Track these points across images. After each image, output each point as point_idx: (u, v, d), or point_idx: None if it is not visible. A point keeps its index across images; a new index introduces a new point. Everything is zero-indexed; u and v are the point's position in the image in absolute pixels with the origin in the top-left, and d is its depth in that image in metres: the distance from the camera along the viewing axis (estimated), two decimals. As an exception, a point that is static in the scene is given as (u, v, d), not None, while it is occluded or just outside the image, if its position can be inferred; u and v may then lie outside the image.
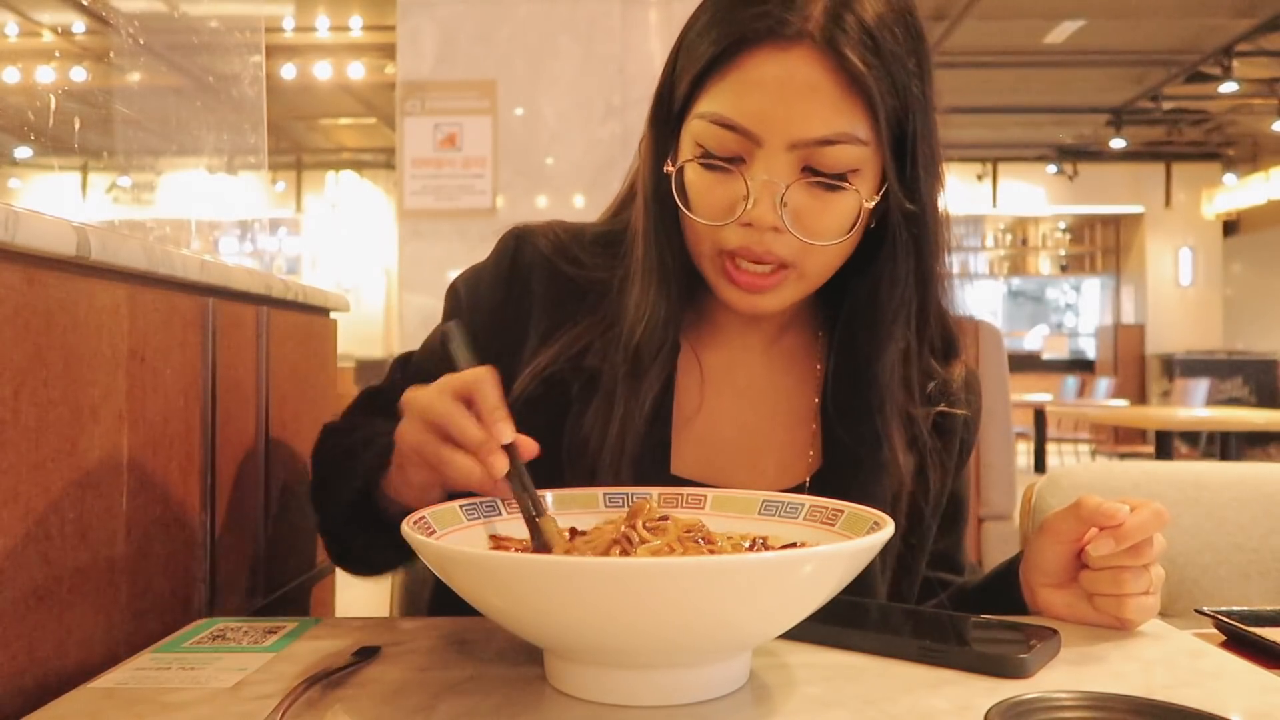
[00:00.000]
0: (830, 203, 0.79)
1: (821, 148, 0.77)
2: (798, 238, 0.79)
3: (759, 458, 0.90)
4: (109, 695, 0.61)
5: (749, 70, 0.77)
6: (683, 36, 0.84)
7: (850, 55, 0.75)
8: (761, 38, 0.76)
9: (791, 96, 0.76)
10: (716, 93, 0.78)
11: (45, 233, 0.62)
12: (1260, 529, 1.26)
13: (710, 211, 0.80)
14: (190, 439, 0.85)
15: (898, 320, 0.86)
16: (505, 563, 0.55)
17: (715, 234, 0.81)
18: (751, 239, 0.79)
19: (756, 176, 0.77)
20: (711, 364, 0.92)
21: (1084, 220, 11.92)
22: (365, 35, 7.00)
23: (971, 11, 6.48)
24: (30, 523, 0.63)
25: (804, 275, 0.82)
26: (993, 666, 0.65)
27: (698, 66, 0.79)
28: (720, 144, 0.78)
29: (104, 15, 1.91)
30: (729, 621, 0.55)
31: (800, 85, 0.76)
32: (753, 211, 0.77)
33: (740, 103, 0.77)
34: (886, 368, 0.87)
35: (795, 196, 0.78)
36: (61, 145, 1.69)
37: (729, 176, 0.79)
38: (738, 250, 0.80)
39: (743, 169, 0.78)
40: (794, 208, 0.78)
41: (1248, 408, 8.25)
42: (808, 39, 0.76)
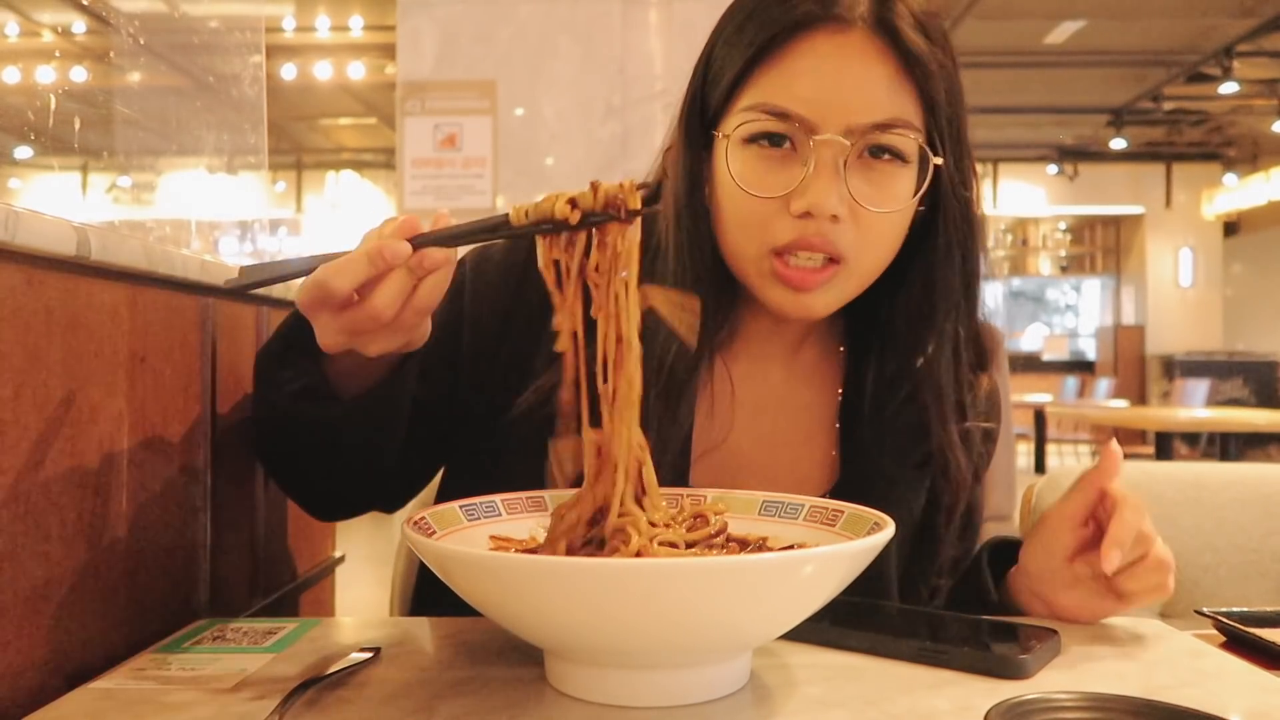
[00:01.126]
0: (886, 188, 0.78)
1: (878, 133, 0.76)
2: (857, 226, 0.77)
3: (776, 472, 0.89)
4: (109, 695, 0.61)
5: (801, 56, 0.76)
6: (715, 35, 0.82)
7: (908, 34, 0.75)
8: (813, 22, 0.75)
9: (849, 79, 0.75)
10: (765, 83, 0.77)
11: (45, 233, 0.62)
12: (1260, 529, 1.26)
13: (758, 204, 0.77)
14: (190, 439, 0.85)
15: (949, 318, 0.85)
16: (505, 563, 0.55)
17: (765, 231, 0.78)
18: (809, 229, 0.76)
19: (813, 161, 0.75)
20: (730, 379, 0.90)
21: (1084, 220, 11.91)
22: (365, 35, 6.99)
23: (971, 11, 6.48)
24: (30, 523, 0.63)
25: (853, 272, 0.80)
26: (993, 667, 0.65)
27: (742, 58, 0.77)
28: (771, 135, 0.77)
29: (104, 15, 1.91)
30: (729, 622, 0.55)
31: (857, 68, 0.75)
32: (811, 195, 0.75)
33: (794, 90, 0.75)
34: (939, 375, 0.85)
35: (854, 182, 0.76)
36: (61, 145, 1.69)
37: (783, 160, 0.77)
38: (793, 243, 0.77)
39: (799, 153, 0.76)
40: (854, 193, 0.76)
41: (1248, 408, 8.24)
42: (860, 21, 0.75)
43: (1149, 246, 10.95)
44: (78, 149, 1.75)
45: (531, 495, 0.75)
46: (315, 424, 0.75)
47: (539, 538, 0.72)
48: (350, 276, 0.62)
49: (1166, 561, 0.75)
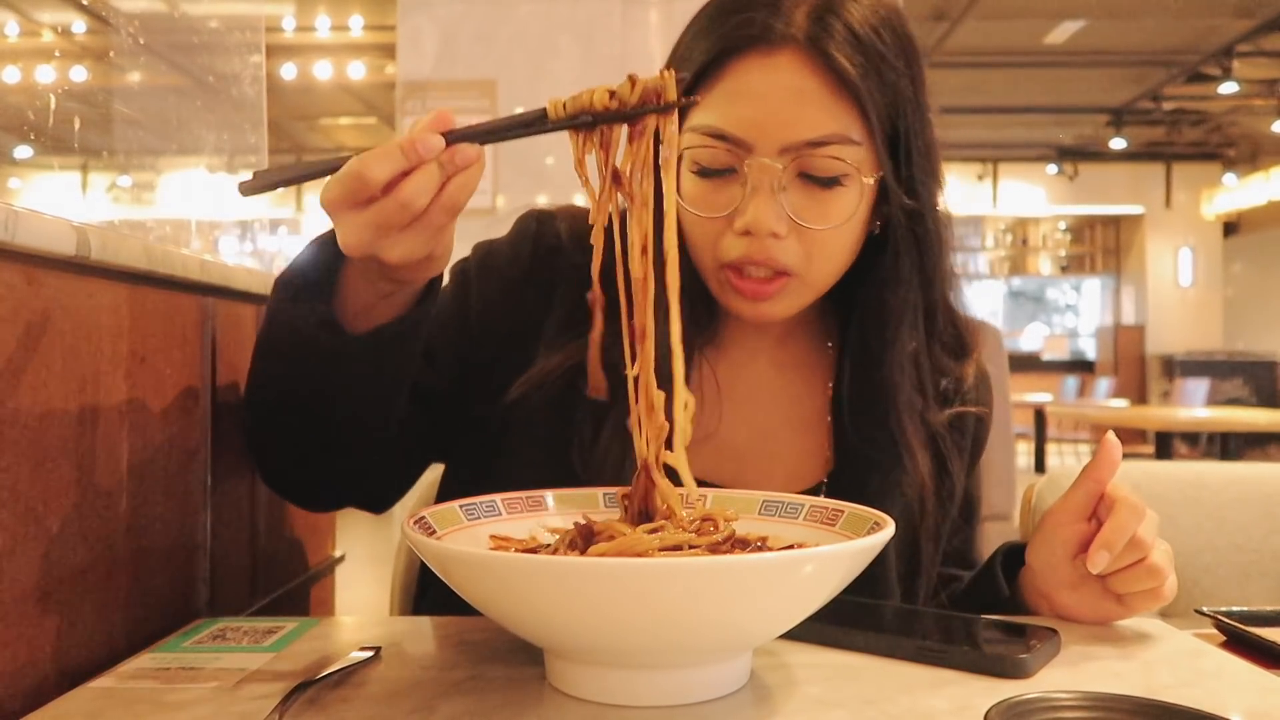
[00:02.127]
0: (827, 204, 0.79)
1: (813, 150, 0.77)
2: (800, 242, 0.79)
3: (771, 464, 0.90)
4: (109, 695, 0.61)
5: (735, 79, 0.78)
6: (673, 51, 0.85)
7: (837, 55, 0.76)
8: (746, 45, 0.77)
9: (779, 101, 0.77)
10: (706, 105, 0.79)
11: (45, 232, 0.62)
12: (1260, 529, 1.26)
13: (707, 222, 0.80)
14: (190, 439, 0.85)
15: (904, 321, 0.87)
16: (505, 563, 0.55)
17: (715, 247, 0.81)
18: (752, 248, 0.79)
19: (750, 183, 0.78)
20: (722, 372, 0.92)
21: (1084, 220, 11.91)
22: (365, 35, 6.99)
23: (971, 11, 6.49)
24: (30, 523, 0.63)
25: (805, 283, 0.82)
26: (993, 666, 0.65)
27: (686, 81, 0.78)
28: (712, 156, 0.79)
29: (104, 15, 1.91)
30: (729, 622, 0.55)
31: (787, 89, 0.77)
32: (749, 216, 0.78)
33: (729, 112, 0.78)
34: (896, 369, 0.87)
35: (792, 200, 0.78)
36: (61, 145, 1.69)
37: (725, 183, 0.80)
38: (740, 259, 0.80)
39: (738, 175, 0.79)
40: (792, 211, 0.78)
41: (1248, 408, 8.24)
42: (793, 43, 0.76)
43: (1149, 246, 10.95)
44: (78, 149, 1.75)
45: (531, 495, 0.75)
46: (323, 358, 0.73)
47: (539, 537, 0.72)
48: (386, 166, 0.61)
49: (1160, 569, 0.74)
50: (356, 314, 0.73)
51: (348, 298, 0.73)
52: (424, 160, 0.61)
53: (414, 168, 0.61)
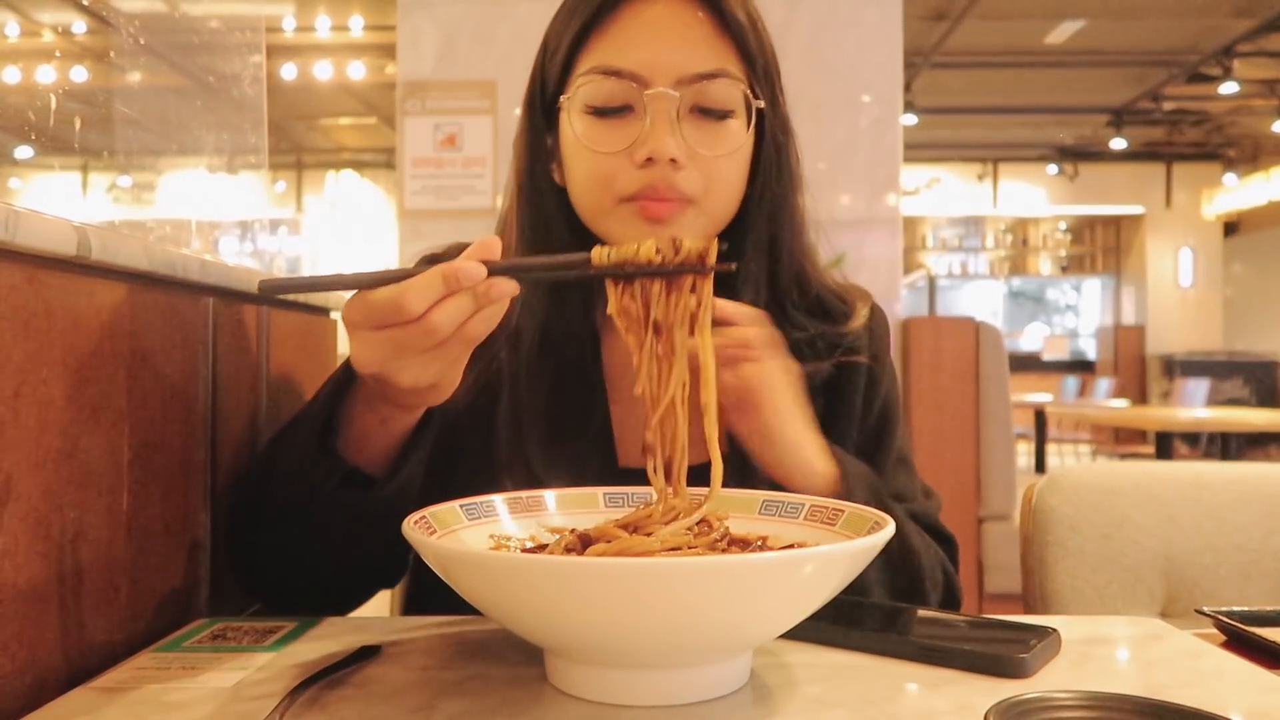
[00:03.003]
0: (719, 133, 0.85)
1: (706, 82, 0.83)
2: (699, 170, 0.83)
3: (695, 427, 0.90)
4: (109, 695, 0.61)
5: (627, 20, 0.83)
6: (549, 27, 0.90)
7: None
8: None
9: (674, 37, 0.83)
10: (597, 50, 0.84)
11: (45, 232, 0.62)
12: (1260, 529, 1.26)
13: (603, 159, 0.84)
14: (190, 439, 0.85)
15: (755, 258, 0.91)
16: (505, 563, 0.55)
17: (614, 183, 0.84)
18: (654, 176, 0.82)
19: (650, 105, 0.82)
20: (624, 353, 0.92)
21: (1084, 220, 11.92)
22: (365, 35, 7.00)
23: (971, 11, 6.49)
24: (30, 523, 0.63)
25: (703, 211, 0.85)
26: (993, 666, 0.65)
27: (574, 33, 0.85)
28: (608, 95, 0.83)
29: (104, 15, 1.91)
30: (729, 621, 0.55)
31: (680, 25, 0.83)
32: (650, 143, 0.81)
33: (625, 49, 0.83)
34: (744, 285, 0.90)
35: (689, 129, 0.83)
36: (62, 145, 1.69)
37: (622, 120, 0.84)
38: (639, 191, 0.83)
39: (635, 110, 0.83)
40: (689, 137, 0.83)
41: (1248, 408, 8.24)
42: None
43: (1149, 246, 10.96)
44: (78, 149, 1.75)
45: (531, 495, 0.75)
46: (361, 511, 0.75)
47: (539, 537, 0.72)
48: (427, 297, 0.62)
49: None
50: (352, 442, 0.75)
51: (348, 426, 0.75)
52: (463, 289, 0.62)
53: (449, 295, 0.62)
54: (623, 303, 0.67)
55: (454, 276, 0.62)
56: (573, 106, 0.86)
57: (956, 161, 10.65)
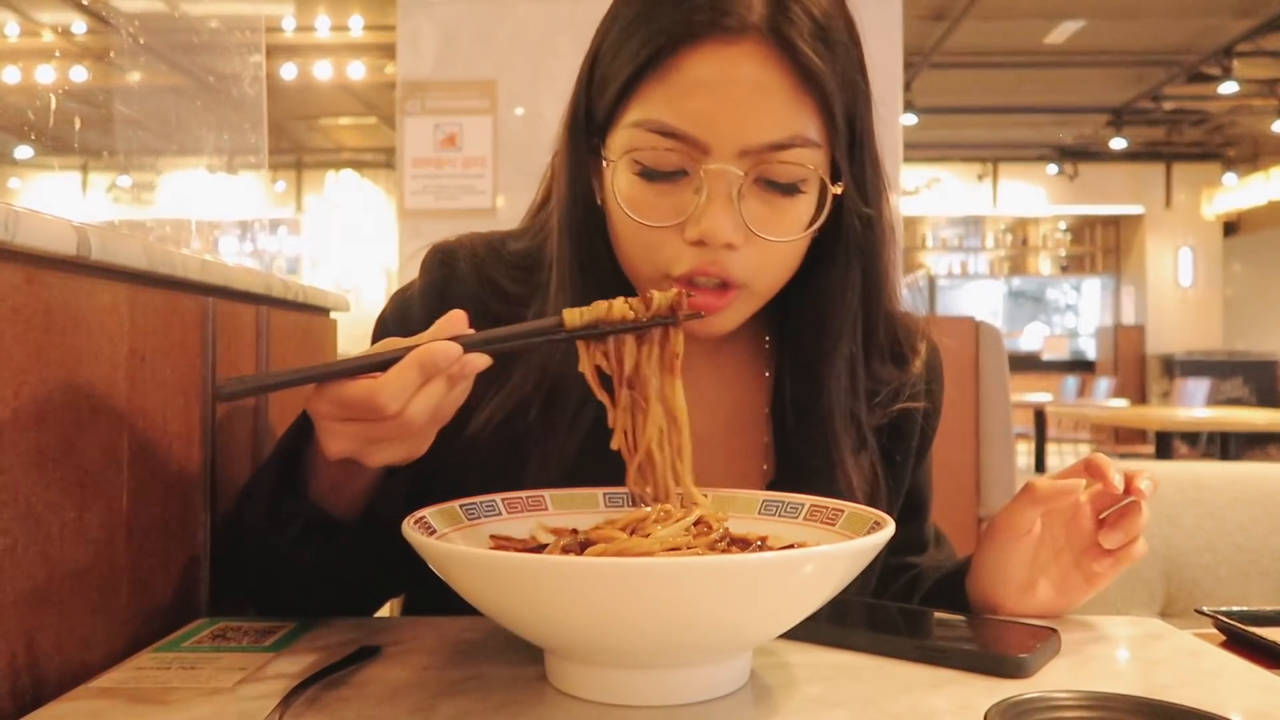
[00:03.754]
0: (785, 212, 0.73)
1: (775, 153, 0.70)
2: (755, 254, 0.73)
3: (712, 468, 0.86)
4: (109, 695, 0.61)
5: (689, 69, 0.69)
6: (600, 36, 0.77)
7: (802, 46, 0.69)
8: (702, 32, 0.69)
9: (741, 97, 0.69)
10: (652, 97, 0.71)
11: (45, 232, 0.62)
12: (1260, 529, 1.26)
13: (650, 230, 0.73)
14: (190, 439, 0.85)
15: (844, 332, 0.83)
16: (506, 563, 0.55)
17: (660, 255, 0.73)
18: (703, 259, 0.72)
19: (706, 189, 0.70)
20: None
21: (1084, 220, 11.92)
22: (365, 35, 7.00)
23: (971, 11, 6.48)
24: (30, 523, 0.63)
25: (754, 293, 0.77)
26: (993, 666, 0.65)
27: (628, 69, 0.71)
28: (659, 155, 0.71)
29: (104, 15, 1.91)
30: (730, 621, 0.55)
31: (750, 83, 0.69)
32: (704, 225, 0.70)
33: (683, 107, 0.69)
34: (833, 376, 0.83)
35: (749, 208, 0.71)
36: (61, 145, 1.70)
37: (673, 187, 0.72)
38: (688, 274, 0.73)
39: (690, 178, 0.71)
40: (749, 220, 0.71)
41: (1248, 408, 8.24)
42: (754, 31, 0.69)
43: (1149, 246, 10.96)
44: (78, 149, 1.76)
45: (532, 495, 0.75)
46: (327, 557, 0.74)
47: (539, 537, 0.72)
48: (403, 393, 0.59)
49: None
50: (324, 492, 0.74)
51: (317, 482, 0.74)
52: (440, 373, 0.60)
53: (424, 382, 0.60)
54: (594, 360, 0.66)
55: (431, 363, 0.59)
56: (618, 153, 0.73)
57: (956, 161, 10.65)
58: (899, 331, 0.89)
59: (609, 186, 0.75)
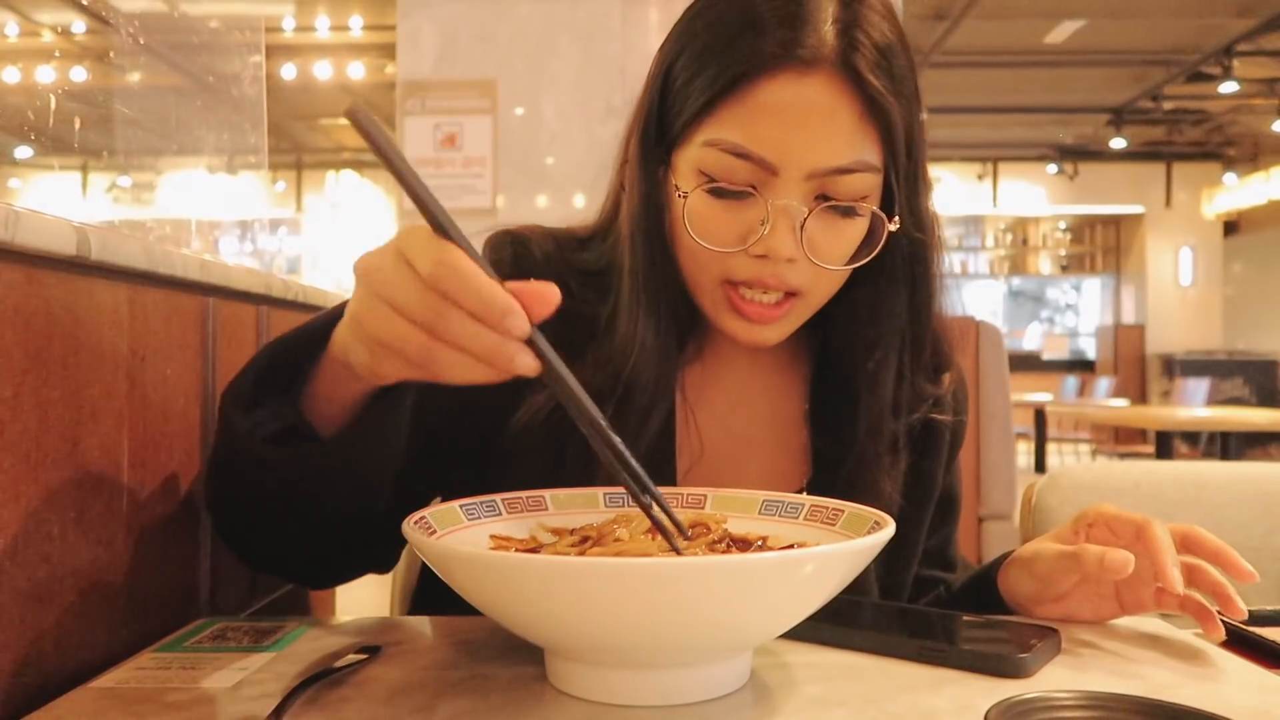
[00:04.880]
0: (844, 231, 0.78)
1: (839, 176, 0.75)
2: (814, 265, 0.77)
3: (750, 466, 0.89)
4: (109, 695, 0.61)
5: (765, 96, 0.74)
6: (672, 54, 0.81)
7: (870, 78, 0.74)
8: (779, 63, 0.74)
9: (811, 124, 0.74)
10: (727, 120, 0.75)
11: (45, 232, 0.62)
12: (1260, 529, 1.26)
13: (721, 241, 0.77)
14: (190, 439, 0.85)
15: (892, 345, 0.85)
16: (506, 562, 0.55)
17: (721, 266, 0.78)
18: (764, 270, 0.77)
19: (773, 206, 0.75)
20: (701, 379, 0.90)
21: (1084, 220, 11.92)
22: (365, 35, 7.00)
23: (971, 11, 6.48)
24: (30, 523, 0.63)
25: (808, 304, 0.81)
26: (993, 666, 0.65)
27: (706, 94, 0.76)
28: (730, 173, 0.76)
29: (104, 15, 1.91)
30: (730, 621, 0.55)
31: (821, 112, 0.74)
32: (769, 242, 0.75)
33: (757, 130, 0.74)
34: (878, 389, 0.85)
35: (811, 225, 0.76)
36: (61, 145, 1.70)
37: (741, 205, 0.77)
38: (748, 281, 0.78)
39: (757, 198, 0.76)
40: (809, 236, 0.76)
41: (1248, 408, 8.24)
42: (825, 63, 0.74)
43: (1149, 246, 10.96)
44: (78, 149, 1.76)
45: (532, 495, 0.75)
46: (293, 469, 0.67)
47: (539, 537, 0.72)
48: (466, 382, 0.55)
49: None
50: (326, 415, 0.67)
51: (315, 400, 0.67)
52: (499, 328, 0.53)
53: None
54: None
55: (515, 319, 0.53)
56: (689, 169, 0.78)
57: (956, 161, 10.65)
58: (941, 345, 0.91)
59: (676, 200, 0.79)
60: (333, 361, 0.64)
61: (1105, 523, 0.78)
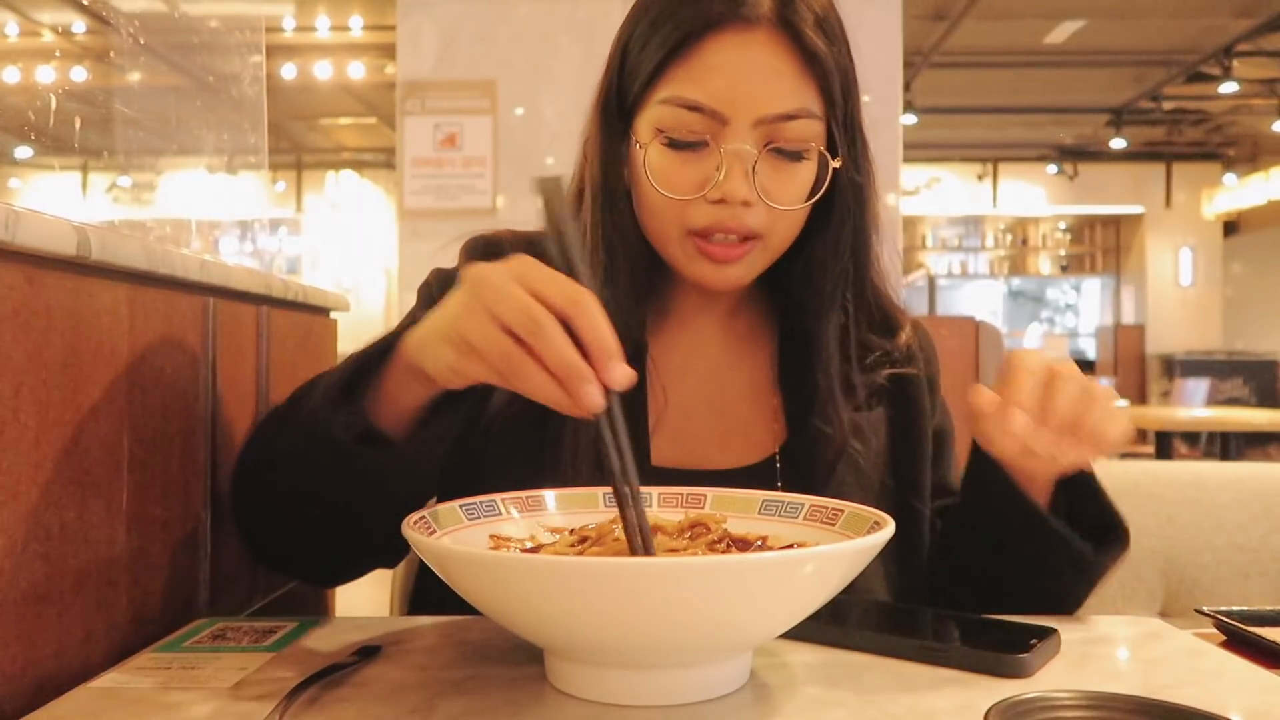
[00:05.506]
0: (794, 174, 0.84)
1: (784, 123, 0.82)
2: (769, 208, 0.82)
3: (728, 437, 0.93)
4: (109, 695, 0.61)
5: (712, 54, 0.81)
6: (628, 31, 0.88)
7: (807, 32, 0.81)
8: (722, 21, 0.81)
9: (756, 75, 0.81)
10: (679, 78, 0.82)
11: (45, 232, 0.62)
12: (1260, 529, 1.26)
13: (680, 189, 0.83)
14: (190, 439, 0.85)
15: (838, 288, 0.91)
16: (505, 563, 0.55)
17: (682, 215, 0.84)
18: (724, 214, 0.82)
19: (726, 151, 0.81)
20: (672, 353, 0.94)
21: (1084, 220, 11.91)
22: (365, 35, 6.99)
23: (971, 11, 6.48)
24: (30, 523, 0.63)
25: (768, 246, 0.86)
26: (993, 666, 0.65)
27: (658, 55, 0.83)
28: (685, 127, 0.82)
29: (104, 15, 1.91)
30: (729, 621, 0.55)
31: (763, 64, 0.81)
32: (725, 185, 0.81)
33: (706, 84, 0.81)
34: (828, 335, 0.90)
35: (763, 169, 0.82)
36: (61, 145, 1.69)
37: (696, 156, 0.83)
38: (709, 227, 0.83)
39: (711, 148, 0.82)
40: (762, 180, 0.82)
41: (1248, 408, 8.24)
42: (765, 21, 0.81)
43: (1149, 246, 10.95)
44: (78, 149, 1.75)
45: (531, 495, 0.75)
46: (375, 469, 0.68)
47: (539, 537, 0.72)
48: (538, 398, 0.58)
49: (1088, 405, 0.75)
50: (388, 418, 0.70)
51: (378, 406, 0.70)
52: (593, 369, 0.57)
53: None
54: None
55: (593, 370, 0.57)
56: (648, 128, 0.85)
57: (956, 161, 10.64)
58: (885, 303, 0.96)
59: (638, 159, 0.85)
60: (402, 367, 0.67)
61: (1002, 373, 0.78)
